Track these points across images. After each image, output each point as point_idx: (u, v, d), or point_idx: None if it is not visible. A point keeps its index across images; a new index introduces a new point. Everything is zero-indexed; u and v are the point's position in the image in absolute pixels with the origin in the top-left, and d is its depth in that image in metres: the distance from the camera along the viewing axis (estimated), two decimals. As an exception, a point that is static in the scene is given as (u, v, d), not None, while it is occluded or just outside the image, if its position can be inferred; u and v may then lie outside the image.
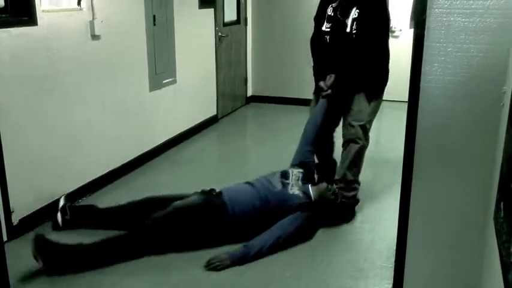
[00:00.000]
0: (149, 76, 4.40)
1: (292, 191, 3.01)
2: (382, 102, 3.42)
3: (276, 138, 5.33)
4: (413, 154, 1.86)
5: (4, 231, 3.00)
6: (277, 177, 3.13)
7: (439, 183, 1.88)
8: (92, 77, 3.66)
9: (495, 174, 1.65)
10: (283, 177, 3.11)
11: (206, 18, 5.47)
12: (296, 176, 3.13)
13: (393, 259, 2.07)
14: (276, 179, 3.09)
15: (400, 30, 6.54)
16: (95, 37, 3.63)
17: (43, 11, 3.14)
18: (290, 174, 3.15)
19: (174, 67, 4.82)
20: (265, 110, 6.66)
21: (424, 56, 1.75)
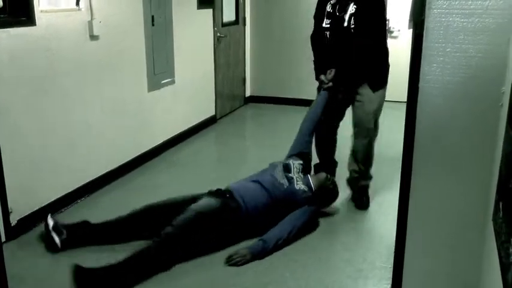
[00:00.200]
0: (148, 76, 4.40)
1: (298, 187, 3.12)
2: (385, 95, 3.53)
3: (275, 138, 5.33)
4: (412, 154, 1.86)
5: (2, 231, 3.00)
6: (279, 171, 3.19)
7: (438, 183, 1.88)
8: (91, 78, 3.66)
9: (494, 174, 1.65)
10: (286, 171, 3.19)
11: (205, 18, 5.47)
12: (297, 169, 3.23)
13: (392, 259, 2.08)
14: (280, 174, 3.16)
15: (399, 30, 6.55)
16: (94, 37, 3.62)
17: (41, 11, 3.13)
18: (292, 167, 3.22)
19: (173, 67, 4.82)
20: (263, 110, 6.66)
21: (423, 57, 1.76)
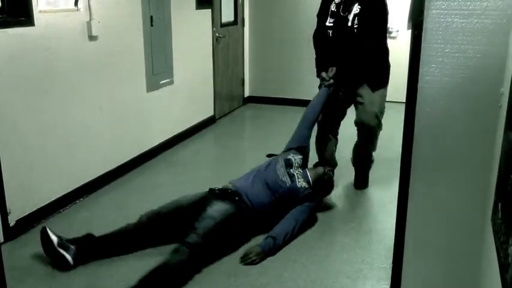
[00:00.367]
0: (146, 77, 4.40)
1: (299, 184, 3.18)
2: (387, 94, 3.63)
3: (273, 138, 5.32)
4: (411, 155, 1.86)
5: (0, 232, 3.00)
6: (281, 166, 3.24)
7: (437, 184, 1.88)
8: (89, 78, 3.66)
9: (493, 175, 1.66)
10: (288, 166, 3.25)
11: (203, 18, 5.47)
12: (298, 164, 3.30)
13: (391, 260, 2.08)
14: (282, 170, 3.21)
15: (398, 31, 6.55)
16: (92, 38, 3.62)
17: (40, 12, 3.13)
18: (293, 162, 3.29)
19: (172, 68, 4.82)
20: (262, 111, 6.66)
21: (422, 57, 1.76)
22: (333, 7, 3.45)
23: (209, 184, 3.24)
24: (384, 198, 3.73)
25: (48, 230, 2.77)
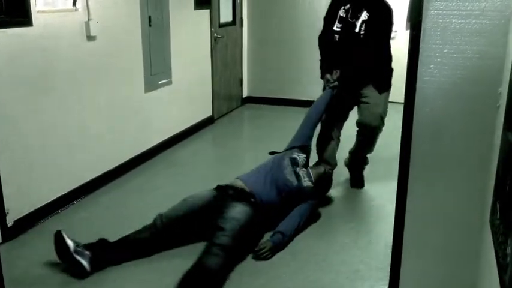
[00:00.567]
0: (145, 77, 4.39)
1: (305, 184, 3.28)
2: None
3: (272, 139, 5.31)
4: (409, 155, 1.86)
5: (-1, 232, 3.00)
6: (288, 165, 3.31)
7: (436, 184, 1.88)
8: (88, 78, 3.65)
9: (491, 175, 1.66)
10: (294, 165, 3.33)
11: (202, 19, 5.47)
12: (302, 163, 3.39)
13: (389, 260, 2.08)
14: (289, 169, 3.29)
15: (396, 31, 6.54)
16: (91, 38, 3.62)
17: (38, 12, 3.13)
18: (298, 161, 3.38)
19: (170, 68, 4.81)
20: (260, 111, 6.66)
21: (420, 58, 1.76)
22: (342, 13, 3.56)
23: (208, 184, 3.24)
24: (383, 198, 3.73)
25: (63, 235, 2.68)
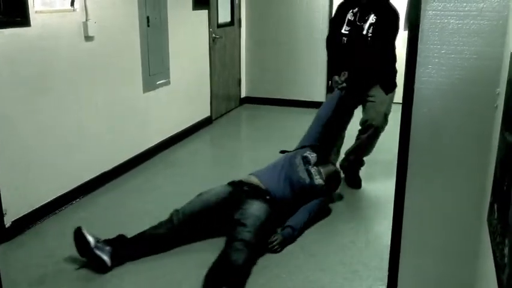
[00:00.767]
0: (143, 77, 4.39)
1: (317, 182, 3.36)
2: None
3: (270, 139, 5.33)
4: (407, 156, 1.87)
5: (-3, 233, 2.99)
6: (300, 163, 3.39)
7: (434, 184, 1.89)
8: (86, 78, 3.65)
9: (489, 175, 1.66)
10: (306, 163, 3.41)
11: (200, 19, 5.47)
12: (313, 161, 3.45)
13: (387, 260, 2.08)
14: (301, 167, 3.37)
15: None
16: (89, 38, 3.61)
17: (36, 12, 3.12)
18: (310, 159, 3.45)
19: (168, 68, 4.81)
20: (258, 111, 6.66)
21: (418, 58, 1.76)
22: (350, 16, 3.65)
23: (207, 184, 3.25)
24: (381, 198, 3.74)
25: (83, 231, 2.72)
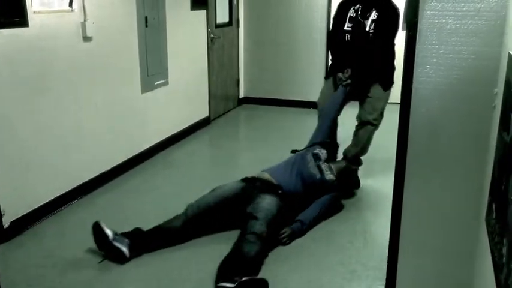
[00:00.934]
0: (141, 78, 4.39)
1: (328, 177, 3.42)
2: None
3: (268, 139, 5.33)
4: (405, 156, 1.87)
5: (-5, 234, 2.99)
6: (311, 159, 3.46)
7: (432, 184, 1.89)
8: (84, 79, 3.65)
9: (487, 175, 1.66)
10: (317, 159, 3.47)
11: (198, 19, 5.47)
12: (324, 158, 3.52)
13: (386, 260, 2.08)
14: (312, 163, 3.44)
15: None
16: (87, 38, 3.61)
17: (34, 12, 3.12)
18: (320, 156, 3.52)
19: (166, 68, 4.81)
20: (257, 112, 6.66)
21: (416, 58, 1.76)
22: (352, 13, 3.71)
23: (206, 185, 3.25)
24: (379, 198, 3.74)
25: (101, 224, 2.83)
